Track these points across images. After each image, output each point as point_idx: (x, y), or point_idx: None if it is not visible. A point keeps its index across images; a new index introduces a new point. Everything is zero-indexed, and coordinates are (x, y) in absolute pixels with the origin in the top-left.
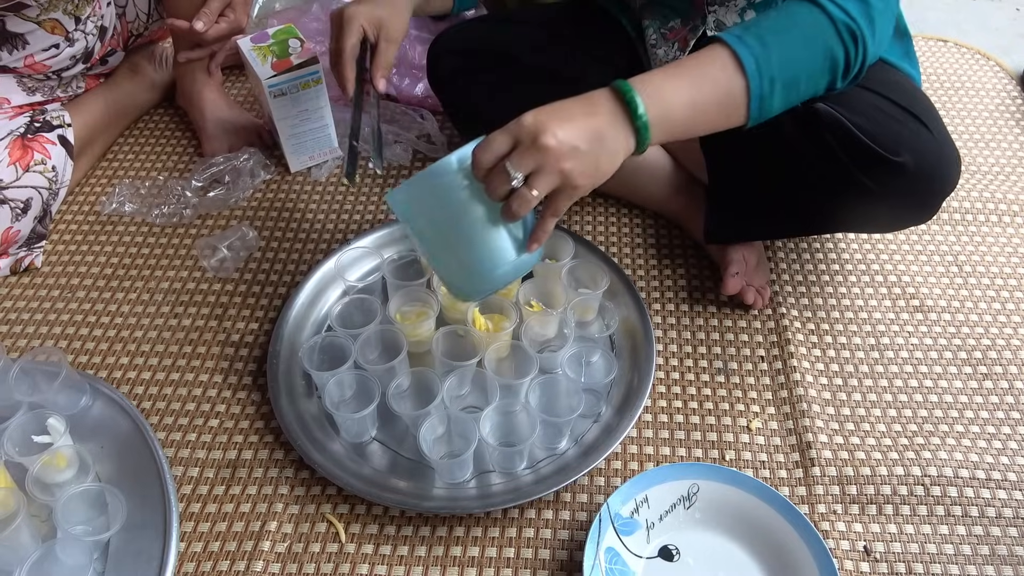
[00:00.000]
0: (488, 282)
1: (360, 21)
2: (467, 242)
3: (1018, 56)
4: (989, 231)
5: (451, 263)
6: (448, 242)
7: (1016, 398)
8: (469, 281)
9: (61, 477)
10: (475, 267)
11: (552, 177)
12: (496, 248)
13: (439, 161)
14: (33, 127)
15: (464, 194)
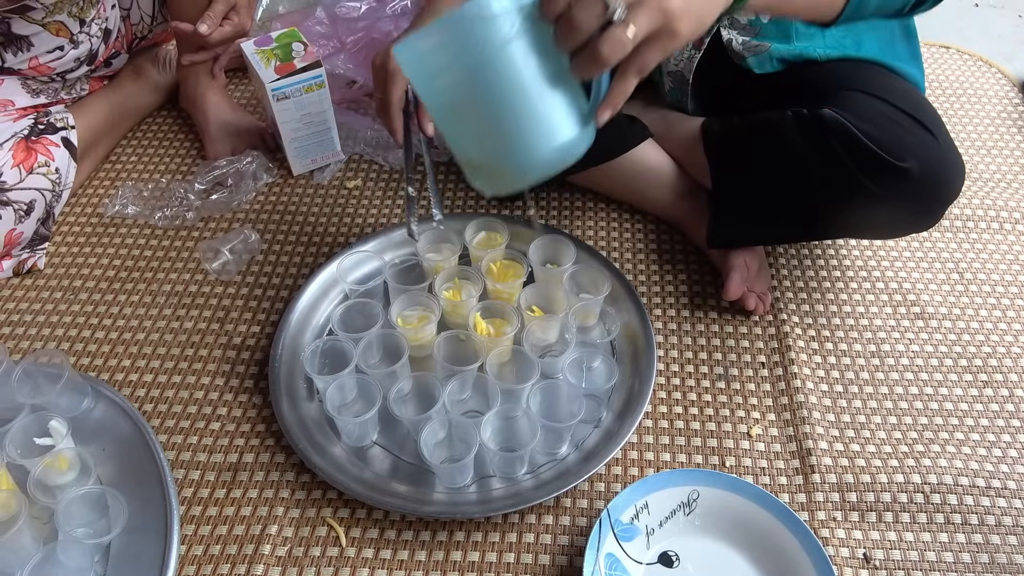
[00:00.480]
0: (538, 162)
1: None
2: (516, 108)
3: (1020, 63)
4: (990, 239)
5: (488, 138)
6: (486, 109)
7: (1016, 406)
8: (511, 161)
9: (63, 479)
10: (523, 142)
11: (653, 15)
12: (555, 115)
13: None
14: (37, 129)
15: (518, 42)
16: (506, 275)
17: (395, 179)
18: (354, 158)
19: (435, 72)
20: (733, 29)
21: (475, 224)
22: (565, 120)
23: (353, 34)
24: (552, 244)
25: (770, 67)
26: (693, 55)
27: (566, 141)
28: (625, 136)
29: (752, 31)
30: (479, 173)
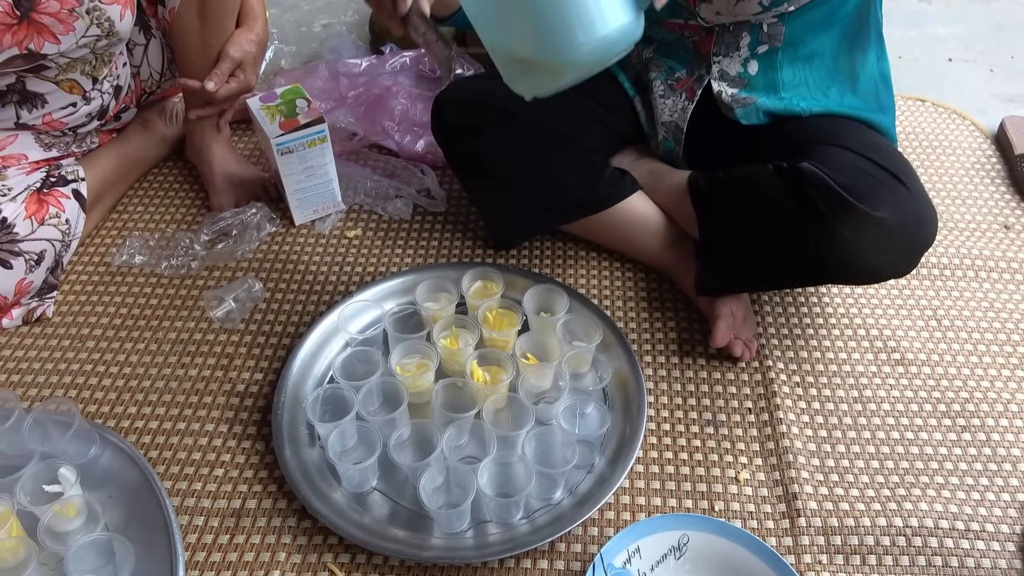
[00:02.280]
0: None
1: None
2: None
3: (993, 116)
4: (967, 286)
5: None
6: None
7: (993, 450)
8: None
9: (71, 526)
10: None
11: None
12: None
13: None
14: (49, 182)
15: None
16: (502, 324)
17: (394, 229)
18: (354, 208)
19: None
20: (724, 81)
21: (471, 274)
22: (616, 5)
23: (354, 89)
24: (546, 293)
25: (756, 119)
26: (687, 106)
27: (617, 29)
28: (616, 188)
29: (741, 83)
30: (519, 70)
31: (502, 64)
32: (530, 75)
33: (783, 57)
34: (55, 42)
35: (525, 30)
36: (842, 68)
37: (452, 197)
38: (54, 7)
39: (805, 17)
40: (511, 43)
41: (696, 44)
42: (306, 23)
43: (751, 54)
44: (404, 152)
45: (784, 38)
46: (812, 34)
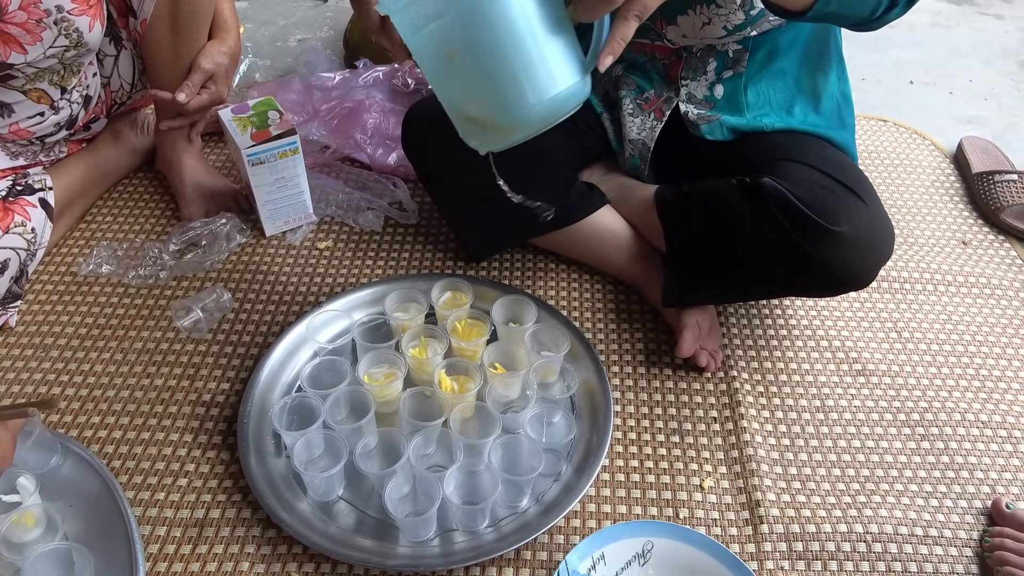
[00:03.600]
0: (537, 113)
1: None
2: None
3: (952, 136)
4: (926, 299)
5: (484, 89)
6: (482, 58)
7: (951, 458)
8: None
9: (29, 536)
10: (521, 92)
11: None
12: (554, 63)
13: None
14: (15, 190)
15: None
16: (470, 334)
17: (365, 240)
18: (325, 220)
19: (425, 20)
20: (691, 104)
21: (441, 285)
22: (564, 68)
23: (327, 103)
24: (514, 304)
25: (720, 135)
26: (656, 126)
27: (565, 90)
28: (585, 202)
29: (708, 105)
30: (473, 128)
31: (455, 121)
32: (482, 133)
33: (747, 80)
34: (22, 52)
35: (476, 92)
36: (804, 88)
37: (423, 210)
38: (21, 17)
39: (769, 42)
40: (463, 103)
41: (666, 67)
42: (281, 38)
43: (717, 78)
44: (376, 165)
45: (748, 62)
46: (775, 57)
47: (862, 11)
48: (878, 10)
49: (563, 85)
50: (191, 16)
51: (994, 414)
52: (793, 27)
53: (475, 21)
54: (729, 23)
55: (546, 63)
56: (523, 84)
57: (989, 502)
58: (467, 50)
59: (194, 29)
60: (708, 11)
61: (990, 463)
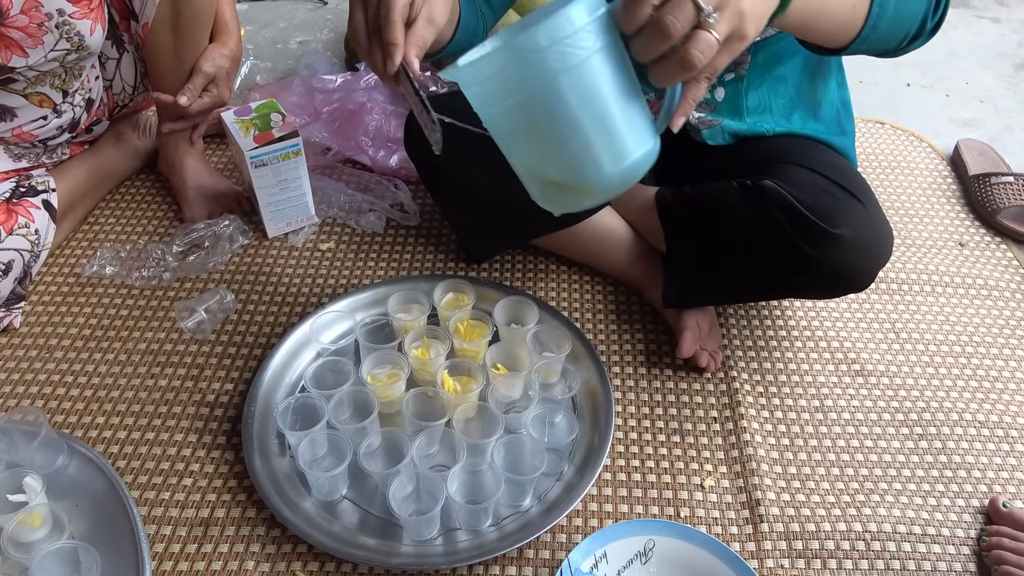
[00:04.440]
0: (617, 177)
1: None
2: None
3: (948, 138)
4: (924, 301)
5: (563, 157)
6: (562, 129)
7: (949, 457)
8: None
9: (36, 536)
10: (602, 159)
11: (732, 19)
12: (631, 129)
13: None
14: (19, 192)
15: (594, 59)
16: (472, 334)
17: (367, 242)
18: (327, 221)
19: (506, 95)
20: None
21: (443, 286)
22: (640, 133)
23: (328, 104)
24: (516, 305)
25: (722, 139)
26: None
27: (644, 154)
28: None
29: (708, 108)
30: (550, 190)
31: (531, 184)
32: (560, 195)
33: (748, 84)
34: (23, 55)
35: (556, 160)
36: (805, 95)
37: (425, 211)
38: (23, 21)
39: (771, 46)
40: (542, 170)
41: None
42: (282, 40)
43: (719, 81)
44: (378, 167)
45: (750, 66)
46: (777, 62)
47: (890, 44)
48: (903, 41)
49: (641, 150)
50: (192, 19)
51: (991, 414)
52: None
53: (559, 97)
54: None
55: (625, 130)
56: (604, 153)
57: (986, 501)
58: (550, 123)
59: (195, 32)
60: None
61: (987, 462)
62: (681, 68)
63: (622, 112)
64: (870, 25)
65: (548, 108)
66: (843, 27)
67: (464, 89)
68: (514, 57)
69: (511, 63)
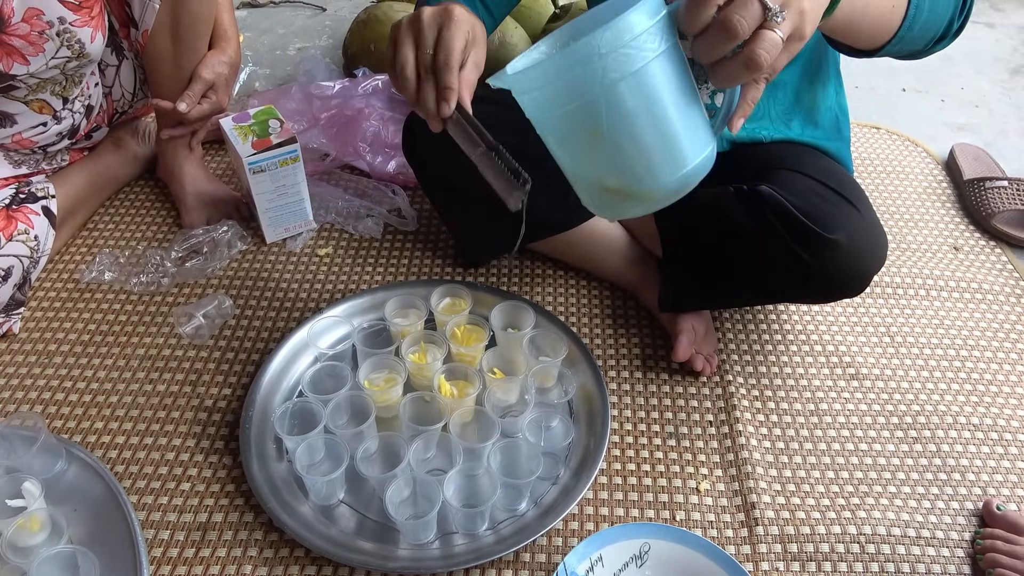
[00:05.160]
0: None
1: (467, 27)
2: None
3: (943, 143)
4: (918, 304)
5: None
6: (624, 134)
7: (943, 460)
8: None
9: (34, 540)
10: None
11: (795, 18)
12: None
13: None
14: (18, 198)
15: (656, 62)
16: (469, 339)
17: (364, 247)
18: (325, 227)
19: (563, 100)
20: None
21: (440, 291)
22: (699, 136)
23: (327, 111)
24: (513, 309)
25: (720, 146)
26: None
27: (703, 159)
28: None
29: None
30: (608, 198)
31: (588, 192)
32: (615, 202)
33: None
34: (24, 63)
35: (618, 167)
36: (803, 101)
37: (422, 217)
38: (24, 29)
39: None
40: (603, 177)
41: None
42: (280, 47)
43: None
44: (375, 173)
45: None
46: None
47: (919, 46)
48: (931, 43)
49: (700, 156)
50: (191, 27)
51: (985, 417)
52: None
53: (619, 102)
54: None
55: (685, 136)
56: (664, 159)
57: (980, 504)
58: (609, 129)
59: (194, 39)
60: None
61: (981, 465)
62: (746, 68)
63: (682, 117)
64: (906, 26)
65: (608, 114)
66: (882, 28)
67: (518, 96)
68: (574, 63)
69: (571, 69)
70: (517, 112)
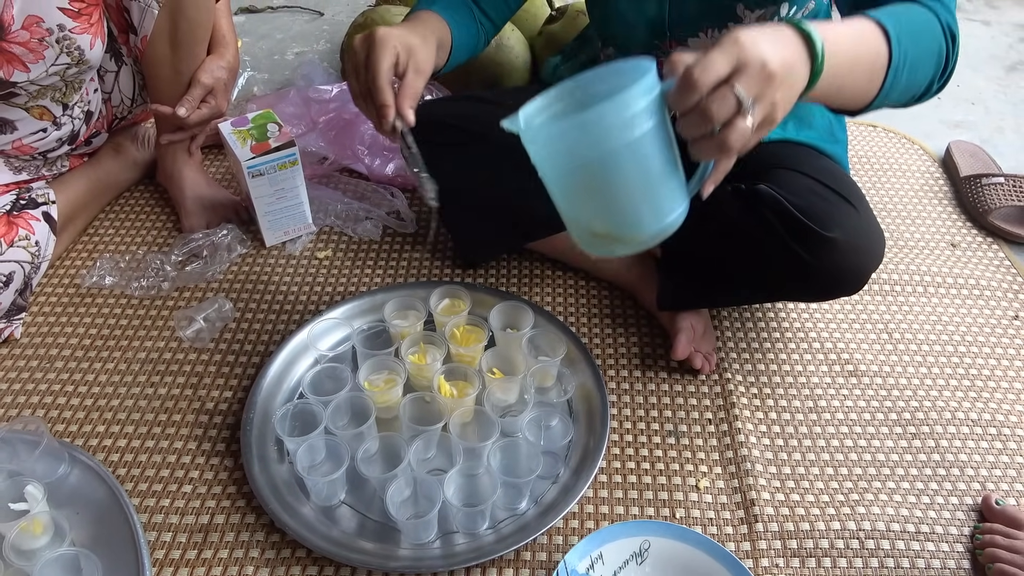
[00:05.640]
0: (656, 232)
1: (394, 43)
2: (643, 189)
3: (940, 141)
4: (916, 301)
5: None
6: (615, 190)
7: (942, 456)
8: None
9: (37, 543)
10: (645, 217)
11: (766, 108)
12: (671, 193)
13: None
14: (19, 204)
15: (650, 134)
16: (468, 339)
17: (364, 249)
18: (324, 230)
19: (566, 158)
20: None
21: (439, 292)
22: (677, 195)
23: (325, 114)
24: (512, 310)
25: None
26: None
27: (679, 213)
28: None
29: None
30: (595, 240)
31: (578, 232)
32: (601, 243)
33: None
34: (24, 70)
35: (605, 216)
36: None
37: (421, 218)
38: (24, 36)
39: None
40: (591, 222)
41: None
42: (278, 51)
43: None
44: (374, 175)
45: None
46: None
47: (898, 104)
48: (910, 102)
49: (676, 212)
50: (190, 32)
51: (983, 412)
52: None
53: (615, 165)
54: None
55: (666, 195)
56: (647, 213)
57: (979, 499)
58: (604, 186)
59: (193, 45)
60: (720, 34)
61: (980, 460)
62: (718, 149)
63: (666, 179)
64: (883, 94)
65: (604, 174)
66: (859, 97)
67: (526, 144)
68: (579, 128)
69: (576, 133)
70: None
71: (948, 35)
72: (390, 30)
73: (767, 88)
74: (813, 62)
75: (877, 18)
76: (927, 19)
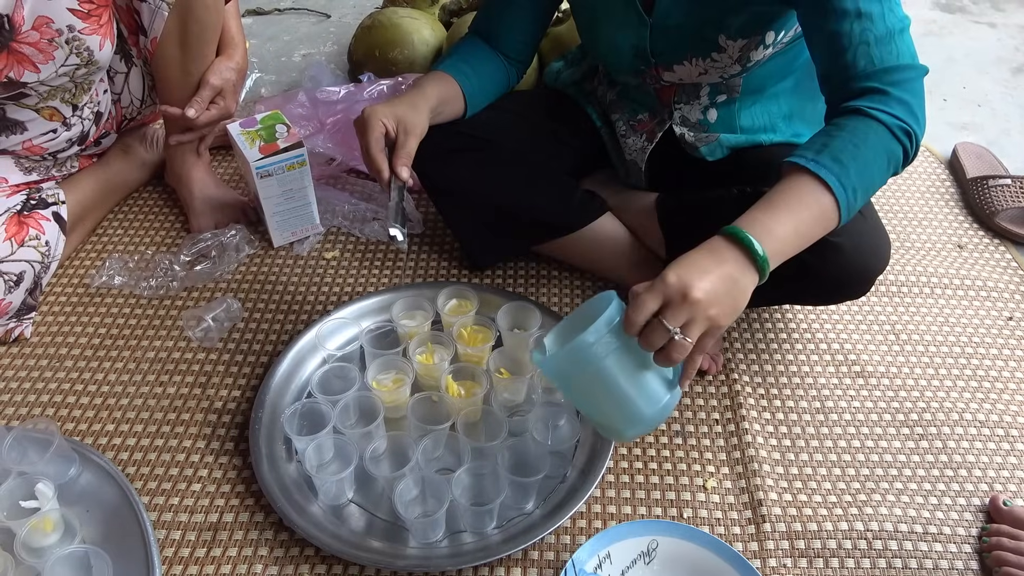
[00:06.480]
0: (646, 424)
1: (379, 117)
2: (623, 394)
3: (946, 143)
4: (923, 302)
5: (609, 412)
6: (604, 396)
7: (949, 457)
8: (626, 423)
9: (48, 541)
10: (633, 414)
11: (702, 324)
12: (651, 393)
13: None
14: (29, 204)
15: (617, 353)
16: (476, 340)
17: (371, 250)
18: (332, 230)
19: (569, 375)
20: (684, 126)
21: (447, 292)
22: (660, 391)
23: (332, 115)
24: (519, 310)
25: (720, 153)
26: (645, 147)
27: (663, 405)
28: (586, 210)
29: (702, 129)
30: (600, 426)
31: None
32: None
33: (741, 105)
34: (35, 71)
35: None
36: (797, 112)
37: (428, 219)
38: (34, 37)
39: (760, 70)
40: (595, 415)
41: (658, 91)
42: (286, 53)
43: (711, 103)
44: None
45: (742, 88)
46: (769, 83)
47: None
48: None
49: (660, 403)
50: (199, 34)
51: (991, 413)
52: (787, 53)
53: (601, 376)
54: (725, 72)
55: (647, 392)
56: (633, 407)
57: (987, 500)
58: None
59: (202, 46)
60: (704, 63)
61: (987, 461)
62: (667, 360)
63: (641, 382)
64: (843, 220)
65: (594, 382)
66: (821, 235)
67: (543, 369)
68: (569, 354)
69: (568, 358)
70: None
71: (902, 136)
72: (375, 107)
73: (695, 313)
74: (757, 262)
75: (817, 172)
76: (873, 135)
